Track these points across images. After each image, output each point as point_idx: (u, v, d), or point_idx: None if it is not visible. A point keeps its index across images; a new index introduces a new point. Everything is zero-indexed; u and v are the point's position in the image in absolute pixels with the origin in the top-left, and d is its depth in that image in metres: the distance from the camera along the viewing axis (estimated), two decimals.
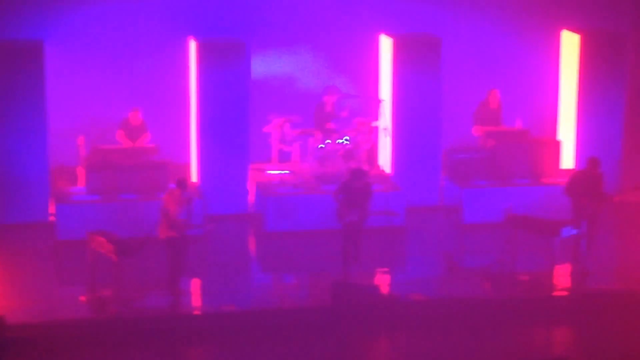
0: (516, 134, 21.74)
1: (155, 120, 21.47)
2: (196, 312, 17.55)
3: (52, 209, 20.08)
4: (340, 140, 21.02)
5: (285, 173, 21.19)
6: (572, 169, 21.38)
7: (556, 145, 21.62)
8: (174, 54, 21.86)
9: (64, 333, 16.35)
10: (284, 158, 21.50)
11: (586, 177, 18.63)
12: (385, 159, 21.63)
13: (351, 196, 18.22)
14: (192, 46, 21.20)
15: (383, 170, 21.51)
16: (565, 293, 18.26)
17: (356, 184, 18.24)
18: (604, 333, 16.91)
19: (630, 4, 23.60)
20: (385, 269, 18.99)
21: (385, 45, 21.83)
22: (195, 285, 18.36)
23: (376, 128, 21.47)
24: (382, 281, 18.57)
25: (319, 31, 22.46)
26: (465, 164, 21.19)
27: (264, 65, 22.08)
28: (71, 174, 20.78)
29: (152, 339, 16.50)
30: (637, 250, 19.72)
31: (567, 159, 22.03)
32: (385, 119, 21.37)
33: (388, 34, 21.83)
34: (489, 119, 21.93)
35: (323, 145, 20.98)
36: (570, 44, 22.43)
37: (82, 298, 17.44)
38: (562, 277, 18.60)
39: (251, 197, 21.07)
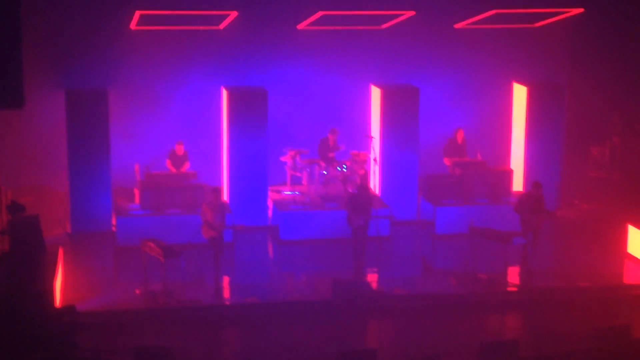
0: (477, 164, 21.70)
1: (195, 151, 21.47)
2: (227, 303, 17.51)
3: (113, 221, 20.06)
4: (339, 168, 21.01)
5: (296, 194, 21.17)
6: (521, 191, 21.35)
7: (509, 173, 21.58)
8: (210, 99, 21.84)
9: (123, 319, 16.31)
10: (295, 182, 21.47)
11: (531, 197, 18.61)
12: (375, 182, 21.60)
13: (358, 205, 18.20)
14: (224, 93, 21.20)
15: (374, 192, 21.47)
16: (515, 289, 18.20)
17: (362, 196, 18.25)
18: (547, 320, 16.84)
19: (567, 61, 23.60)
20: (375, 269, 18.94)
21: (375, 93, 21.82)
22: (226, 282, 18.32)
23: (368, 158, 21.44)
24: (372, 279, 18.53)
25: (324, 81, 22.46)
26: (438, 187, 21.15)
27: (281, 108, 22.06)
28: (129, 194, 20.78)
29: (192, 324, 16.47)
30: (572, 255, 19.69)
31: (518, 184, 22.00)
32: (374, 152, 21.35)
33: (376, 84, 21.84)
34: (456, 152, 21.93)
35: (326, 172, 20.97)
36: (519, 93, 22.43)
37: (137, 291, 17.43)
38: (513, 276, 18.54)
39: (270, 212, 21.04)
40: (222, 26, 21.46)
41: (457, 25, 22.34)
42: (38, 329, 15.07)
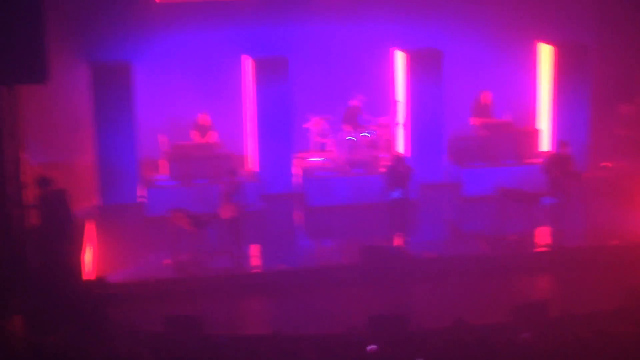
0: (504, 125, 21.49)
1: (220, 121, 21.39)
2: (255, 270, 17.48)
3: (140, 192, 20.06)
4: (365, 133, 20.87)
5: (322, 160, 21.07)
6: (548, 151, 21.13)
7: (535, 133, 21.39)
8: (234, 69, 21.73)
9: (152, 290, 16.35)
10: (321, 148, 21.36)
11: (558, 157, 18.41)
12: (402, 146, 21.43)
13: (395, 178, 17.97)
14: (248, 62, 21.09)
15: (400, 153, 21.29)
16: (545, 249, 18.07)
17: (399, 168, 18.00)
18: (577, 281, 16.71)
19: (593, 20, 23.27)
20: (404, 234, 18.83)
21: (400, 57, 21.63)
22: (255, 249, 18.29)
23: (394, 123, 21.28)
24: (402, 243, 18.39)
25: (348, 47, 22.27)
26: (464, 148, 20.99)
27: (304, 75, 21.91)
28: (155, 165, 20.76)
29: (220, 293, 16.47)
30: (601, 213, 19.49)
31: (544, 144, 21.77)
32: (401, 116, 21.18)
33: (401, 49, 21.63)
34: (482, 112, 21.72)
35: (352, 138, 20.83)
36: (545, 53, 22.14)
37: (166, 261, 17.44)
38: (542, 237, 18.40)
39: (296, 180, 20.96)
40: None
41: None
42: (69, 301, 15.13)
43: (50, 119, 21.38)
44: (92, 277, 16.44)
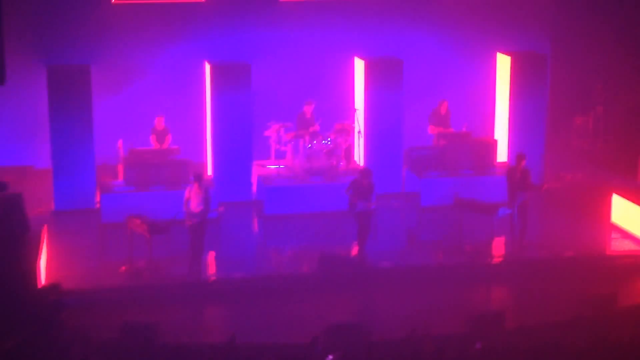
0: (462, 135, 21.63)
1: (178, 126, 21.32)
2: (212, 279, 17.44)
3: (97, 198, 19.93)
4: (324, 141, 20.89)
5: (281, 168, 21.07)
6: (506, 163, 21.28)
7: (493, 144, 21.52)
8: (193, 74, 21.68)
9: (108, 296, 16.25)
10: (280, 156, 21.35)
11: (516, 171, 18.49)
12: (359, 155, 21.50)
13: (359, 191, 17.86)
14: (207, 68, 21.04)
15: (358, 165, 21.38)
16: (501, 260, 18.20)
17: (363, 182, 17.91)
18: (533, 292, 16.85)
19: (550, 30, 23.53)
20: (364, 244, 18.86)
21: (359, 65, 21.70)
22: (211, 257, 18.24)
23: (352, 131, 21.34)
24: (360, 252, 18.40)
25: (307, 54, 22.33)
26: (422, 158, 21.08)
27: (265, 82, 21.91)
28: (113, 170, 20.63)
29: (178, 300, 16.40)
30: (557, 225, 19.68)
31: (502, 155, 21.93)
32: (359, 124, 21.24)
33: (360, 56, 21.71)
34: (440, 122, 21.84)
35: (310, 146, 20.85)
36: (503, 63, 22.33)
37: (122, 268, 17.34)
38: (499, 247, 18.54)
39: (254, 187, 20.93)
40: None
41: None
42: (23, 308, 14.97)
43: (6, 122, 21.22)
44: (47, 283, 16.27)
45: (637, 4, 23.20)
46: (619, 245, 18.77)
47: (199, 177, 17.22)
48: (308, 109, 21.15)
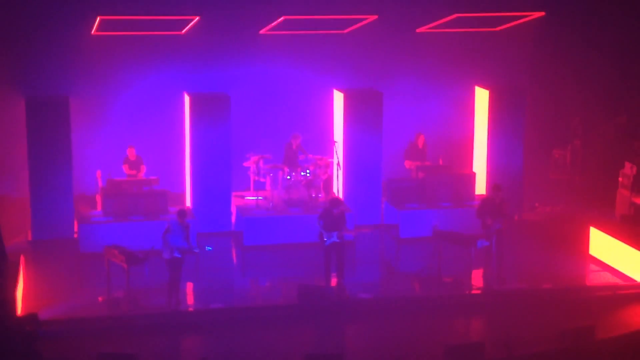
0: (440, 168, 21.77)
1: (156, 157, 21.37)
2: (190, 309, 17.39)
3: (75, 228, 19.87)
4: (303, 173, 20.97)
5: (259, 199, 21.11)
6: (483, 194, 21.41)
7: (471, 177, 21.64)
8: (172, 105, 21.75)
9: (86, 327, 16.16)
10: (259, 187, 21.39)
11: (491, 201, 18.62)
12: (338, 187, 21.57)
13: (331, 221, 17.90)
14: (186, 99, 21.11)
15: (337, 196, 21.44)
16: (479, 291, 18.25)
17: (334, 211, 17.93)
18: (511, 322, 16.88)
19: (528, 65, 23.76)
20: (340, 274, 18.87)
21: (338, 98, 21.83)
22: (189, 288, 18.19)
23: (331, 163, 21.43)
24: (338, 283, 18.42)
25: (286, 86, 22.46)
26: (401, 190, 21.17)
27: (244, 114, 22.02)
28: (91, 200, 20.60)
29: (155, 331, 16.34)
30: (535, 257, 19.76)
31: (480, 187, 22.07)
32: (338, 156, 21.34)
33: (339, 89, 21.84)
34: (417, 156, 21.98)
35: (289, 177, 20.91)
36: (481, 96, 22.53)
37: (100, 298, 17.27)
38: (477, 279, 18.59)
39: (233, 218, 20.94)
40: (184, 31, 21.39)
41: (419, 30, 22.42)
42: (1, 337, 14.87)
43: None
44: (25, 313, 16.18)
45: (613, 40, 23.50)
46: (597, 278, 18.86)
47: (181, 214, 17.14)
48: (294, 142, 21.25)
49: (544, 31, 23.16)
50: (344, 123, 21.41)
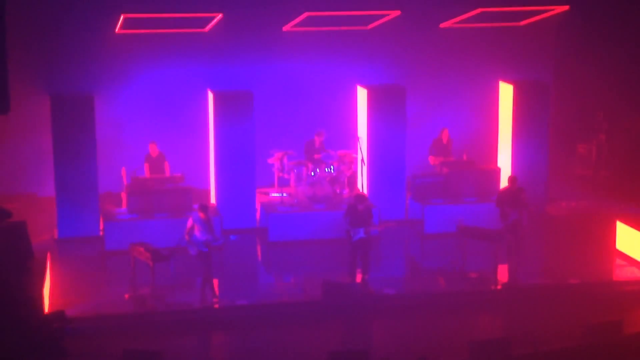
0: (465, 163, 21.69)
1: (181, 154, 21.40)
2: (216, 306, 17.41)
3: (101, 225, 19.95)
4: (327, 169, 20.96)
5: (284, 195, 21.11)
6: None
7: (496, 172, 21.56)
8: (196, 102, 21.79)
9: (112, 324, 16.21)
10: (283, 183, 21.39)
11: (508, 192, 18.60)
12: (362, 183, 21.53)
13: (357, 217, 17.88)
14: (210, 96, 21.13)
15: (362, 192, 21.39)
16: (505, 287, 18.15)
17: (360, 207, 17.92)
18: (538, 318, 16.81)
19: (552, 59, 23.65)
20: (365, 270, 18.85)
21: (361, 94, 21.79)
22: (215, 284, 18.19)
23: (355, 159, 21.39)
24: (362, 280, 18.39)
25: (310, 82, 22.45)
26: (425, 186, 21.11)
27: (267, 110, 22.03)
28: (116, 198, 20.66)
29: (181, 327, 16.37)
30: (562, 252, 19.66)
31: (505, 183, 21.91)
32: (362, 152, 21.30)
33: (363, 85, 21.80)
34: (441, 151, 21.91)
35: (313, 174, 20.91)
36: (505, 91, 22.42)
37: (126, 296, 17.33)
38: (503, 274, 18.50)
39: (257, 215, 20.96)
40: (207, 29, 21.42)
41: (443, 25, 22.35)
42: (27, 335, 14.94)
43: (10, 150, 21.30)
44: (51, 310, 16.25)
45: (636, 33, 23.32)
46: (624, 273, 18.74)
47: (203, 208, 17.17)
48: (318, 139, 21.24)
49: (568, 25, 23.03)
50: (367, 119, 21.37)
